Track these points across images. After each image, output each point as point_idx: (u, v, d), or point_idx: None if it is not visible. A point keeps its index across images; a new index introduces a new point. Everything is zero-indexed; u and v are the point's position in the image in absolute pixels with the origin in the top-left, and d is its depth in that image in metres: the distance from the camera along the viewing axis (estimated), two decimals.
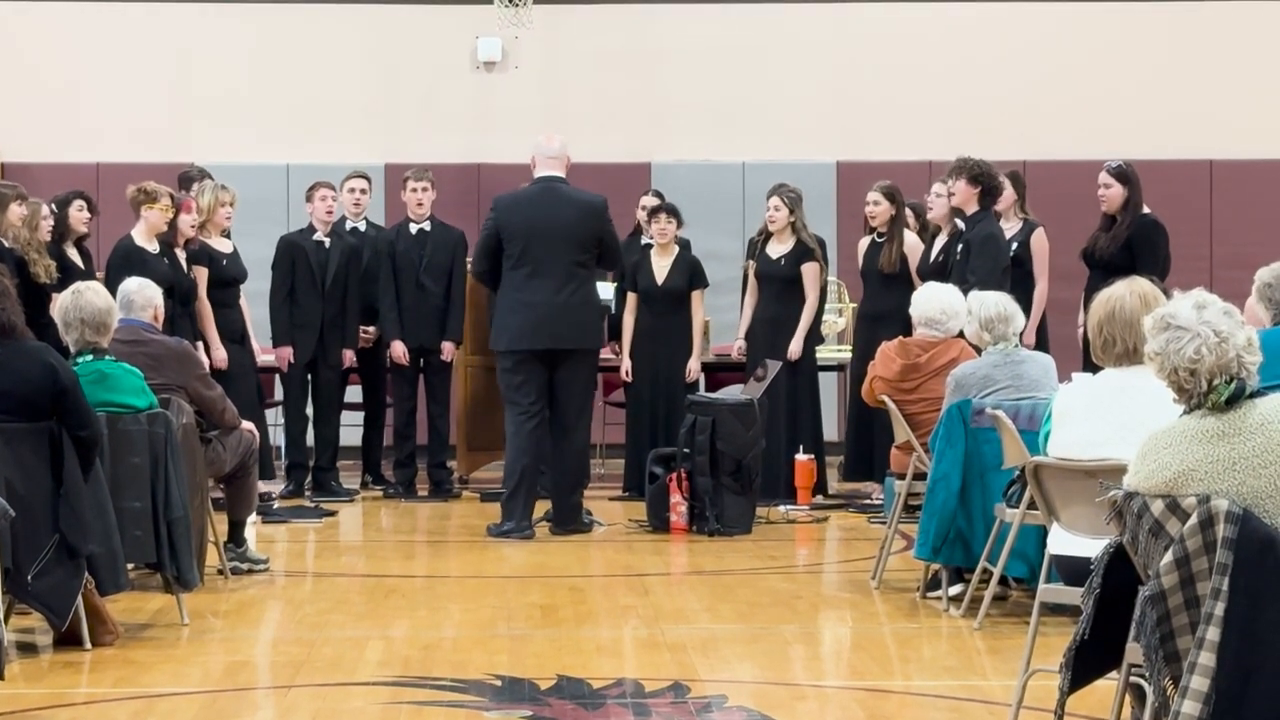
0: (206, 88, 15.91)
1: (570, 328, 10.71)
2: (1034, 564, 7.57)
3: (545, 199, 10.81)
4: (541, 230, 10.70)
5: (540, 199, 10.83)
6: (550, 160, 10.92)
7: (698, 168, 15.84)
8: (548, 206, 10.76)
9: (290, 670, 6.97)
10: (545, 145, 11.00)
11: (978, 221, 10.85)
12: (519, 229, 10.76)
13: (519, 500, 10.71)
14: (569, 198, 10.84)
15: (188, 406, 8.48)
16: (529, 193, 10.99)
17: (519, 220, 10.79)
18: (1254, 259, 8.37)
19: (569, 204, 10.80)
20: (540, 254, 10.70)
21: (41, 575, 6.96)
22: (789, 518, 11.51)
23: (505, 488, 10.84)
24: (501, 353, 10.89)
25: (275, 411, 13.56)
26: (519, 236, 10.75)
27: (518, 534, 10.61)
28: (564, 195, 10.84)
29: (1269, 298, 7.31)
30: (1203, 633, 4.22)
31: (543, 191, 10.85)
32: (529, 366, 10.74)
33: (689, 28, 16.06)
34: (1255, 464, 4.31)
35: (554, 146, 10.97)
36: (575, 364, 10.79)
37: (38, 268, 10.68)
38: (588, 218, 10.80)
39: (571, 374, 10.79)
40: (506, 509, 10.74)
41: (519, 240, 10.75)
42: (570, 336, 10.72)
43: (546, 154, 10.94)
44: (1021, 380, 8.17)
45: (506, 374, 10.87)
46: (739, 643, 7.53)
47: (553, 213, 10.73)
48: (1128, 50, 16.12)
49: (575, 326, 10.74)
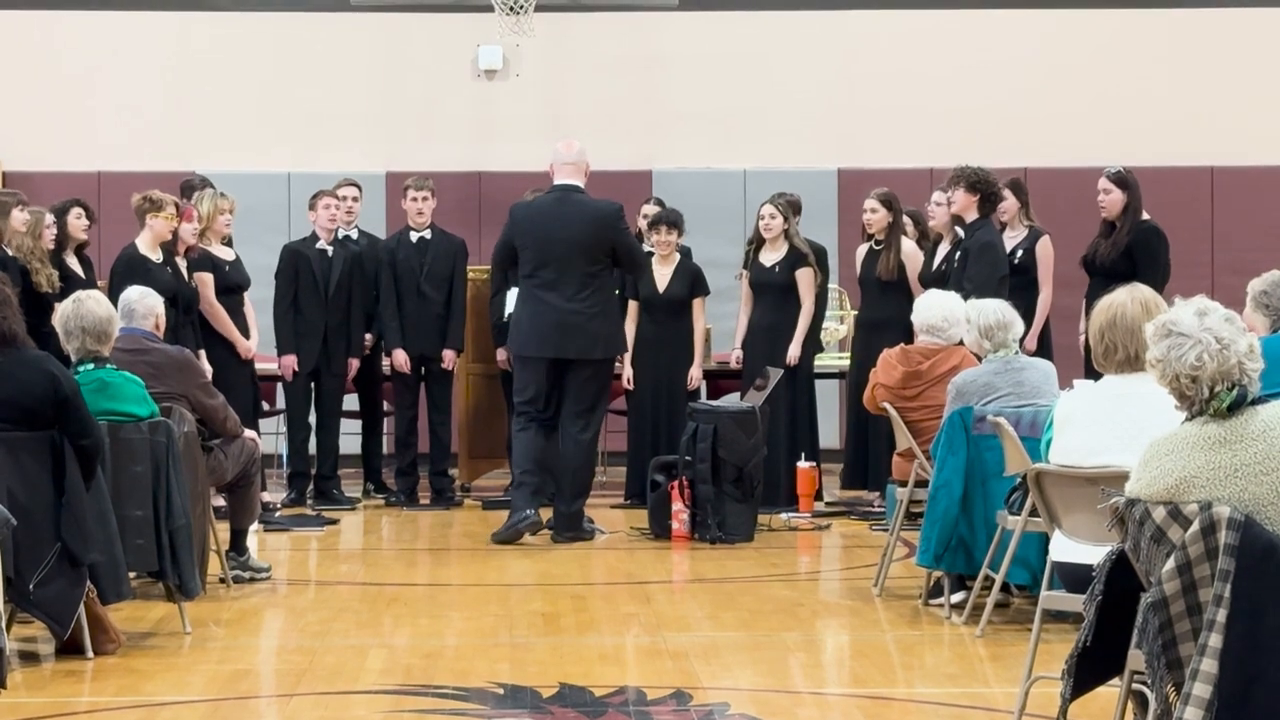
0: (208, 96, 15.92)
1: (580, 338, 10.73)
2: (1036, 571, 7.57)
3: (559, 209, 10.84)
4: (554, 240, 10.74)
5: (554, 208, 10.86)
6: (567, 167, 10.93)
7: (699, 175, 15.84)
8: (561, 216, 10.80)
9: (292, 679, 6.97)
10: (563, 152, 11.01)
11: (976, 229, 10.86)
12: (532, 238, 10.81)
13: (526, 489, 10.73)
14: (582, 206, 10.86)
15: (189, 415, 8.47)
16: (544, 202, 11.03)
17: (532, 230, 10.84)
18: (1255, 265, 8.38)
19: (581, 213, 10.82)
20: (553, 264, 10.74)
21: (43, 584, 6.96)
22: (791, 525, 11.51)
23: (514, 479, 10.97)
24: (515, 358, 11.00)
25: (276, 420, 13.57)
26: (532, 246, 10.79)
27: (524, 523, 10.61)
28: (577, 204, 10.85)
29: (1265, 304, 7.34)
30: (1205, 639, 4.22)
31: (557, 201, 10.89)
32: (536, 371, 10.79)
33: (690, 36, 16.07)
34: (1257, 471, 4.31)
35: (571, 153, 10.98)
36: (585, 373, 10.82)
37: (40, 277, 10.69)
38: (599, 227, 10.81)
39: (579, 383, 10.82)
40: (514, 499, 10.84)
41: (531, 250, 10.80)
42: (579, 347, 10.74)
43: (564, 160, 10.95)
44: (1023, 387, 8.17)
45: (519, 382, 10.99)
46: (741, 650, 7.53)
47: (565, 222, 10.76)
48: (1128, 56, 16.13)
49: (586, 337, 10.75)
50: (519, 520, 10.68)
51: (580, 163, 10.97)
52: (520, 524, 10.66)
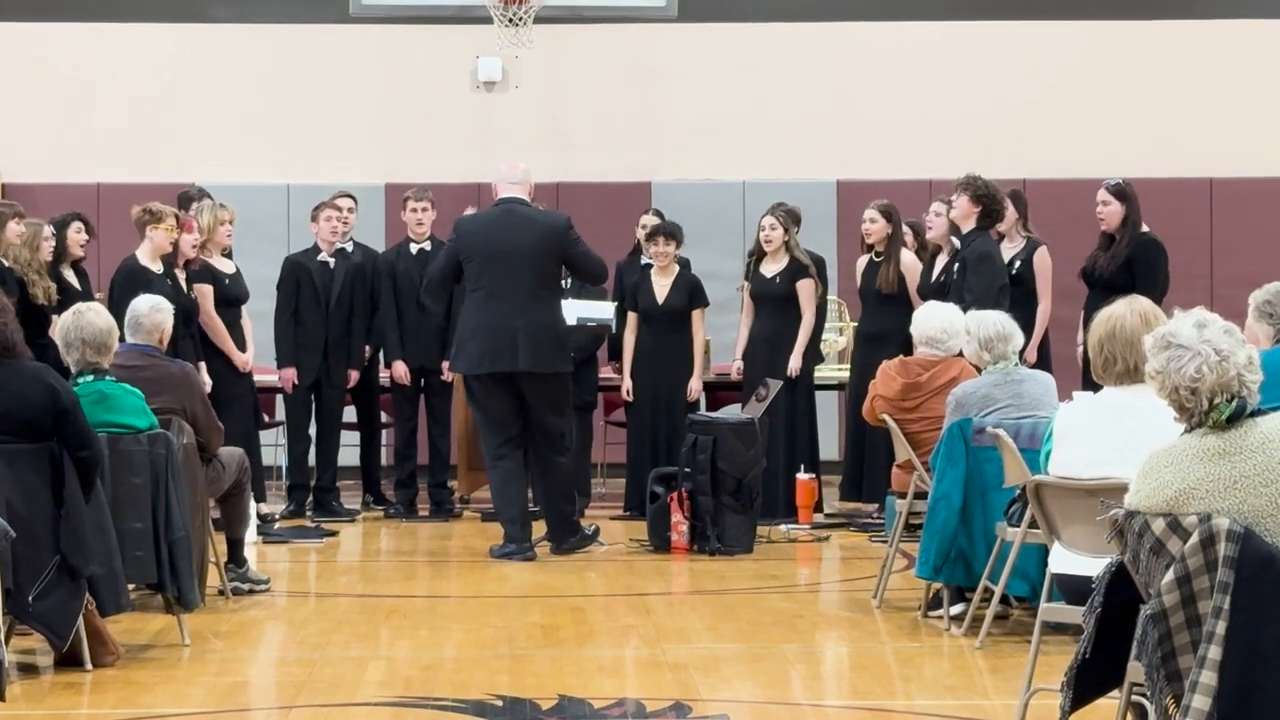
0: (207, 108, 15.92)
1: (532, 351, 10.55)
2: (1035, 583, 7.57)
3: (505, 221, 10.72)
4: (501, 252, 10.60)
5: (500, 221, 10.74)
6: (512, 185, 10.85)
7: (698, 187, 15.85)
8: (507, 228, 10.67)
9: (291, 691, 6.96)
10: (508, 172, 10.94)
11: (972, 239, 10.85)
12: (478, 251, 10.67)
13: (515, 526, 10.69)
14: (529, 219, 10.75)
15: (188, 427, 8.46)
16: (489, 215, 10.95)
17: (478, 242, 10.70)
18: (1254, 277, 8.38)
19: (529, 225, 10.71)
20: (499, 276, 10.60)
21: (42, 596, 6.95)
22: (790, 537, 11.51)
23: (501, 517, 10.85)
24: (467, 380, 10.87)
25: (275, 432, 13.56)
26: (478, 258, 10.66)
27: (519, 555, 10.60)
28: (524, 216, 10.74)
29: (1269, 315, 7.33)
30: (1204, 651, 4.22)
31: (503, 214, 10.77)
32: (494, 395, 10.65)
33: (689, 47, 16.07)
34: (1256, 483, 4.32)
35: (516, 173, 10.91)
36: (543, 387, 10.67)
37: (37, 289, 10.68)
38: (548, 238, 10.69)
39: (540, 398, 10.67)
40: (506, 533, 10.76)
41: (477, 262, 10.66)
42: (531, 360, 10.56)
43: (509, 179, 10.88)
44: (1022, 399, 8.17)
45: (474, 404, 10.86)
46: (740, 662, 7.52)
47: (512, 234, 10.63)
48: (1127, 69, 16.14)
49: (537, 350, 10.57)
50: (515, 552, 10.62)
51: (525, 182, 10.89)
52: (514, 555, 10.62)
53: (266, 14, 16.02)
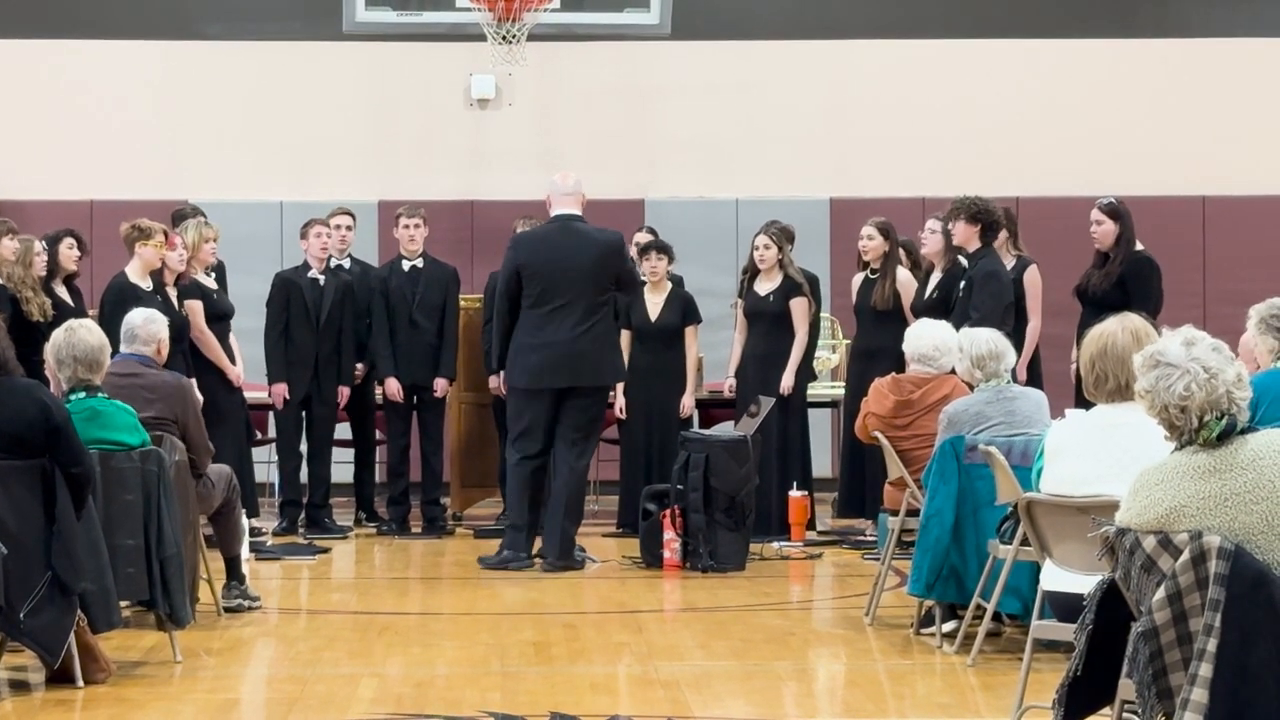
0: (200, 125, 15.93)
1: (588, 365, 10.80)
2: (1027, 600, 7.57)
3: (565, 238, 10.88)
4: (562, 269, 10.77)
5: (560, 237, 10.90)
6: (566, 198, 10.99)
7: (691, 204, 15.86)
8: (568, 245, 10.84)
9: (283, 708, 6.96)
10: (560, 183, 11.06)
11: (980, 258, 10.88)
12: (539, 268, 10.82)
13: (520, 534, 10.75)
14: (589, 236, 10.92)
15: (180, 443, 8.45)
16: (547, 230, 11.07)
17: (539, 259, 10.86)
18: (1248, 295, 8.38)
19: (589, 242, 10.88)
20: (561, 292, 10.78)
21: (34, 613, 6.94)
22: (782, 554, 11.50)
23: (509, 519, 10.92)
24: (512, 389, 10.94)
25: (268, 449, 13.55)
26: (540, 275, 10.81)
27: (515, 564, 10.63)
28: (583, 233, 10.91)
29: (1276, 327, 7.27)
30: (1195, 669, 4.22)
31: (561, 230, 10.92)
32: (535, 405, 10.81)
33: (683, 65, 16.09)
34: (1247, 500, 4.32)
35: (569, 184, 11.04)
36: (584, 400, 10.85)
37: (31, 305, 10.68)
38: (608, 255, 10.91)
39: (578, 410, 10.85)
40: (507, 539, 10.80)
41: (539, 279, 10.81)
42: (587, 374, 10.81)
43: (562, 191, 11.01)
44: (1014, 417, 8.17)
45: (515, 412, 10.93)
46: (733, 679, 7.52)
47: (573, 251, 10.81)
48: (1120, 86, 16.15)
49: (593, 364, 10.83)
50: (511, 560, 10.68)
51: (577, 193, 11.02)
52: (511, 564, 10.67)
53: (260, 31, 16.02)
